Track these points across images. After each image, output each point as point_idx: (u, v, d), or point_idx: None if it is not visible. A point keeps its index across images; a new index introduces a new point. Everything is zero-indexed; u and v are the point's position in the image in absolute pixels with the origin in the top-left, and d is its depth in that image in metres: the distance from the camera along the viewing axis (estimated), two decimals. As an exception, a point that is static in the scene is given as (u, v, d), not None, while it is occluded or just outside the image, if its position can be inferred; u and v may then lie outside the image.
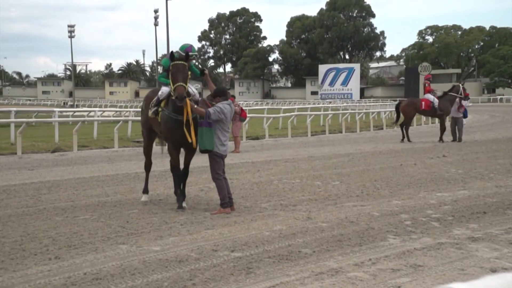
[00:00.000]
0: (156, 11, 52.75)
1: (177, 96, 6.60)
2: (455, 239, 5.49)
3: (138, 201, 7.61)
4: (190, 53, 7.09)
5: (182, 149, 7.31)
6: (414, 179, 9.40)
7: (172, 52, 7.00)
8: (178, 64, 6.82)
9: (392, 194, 8.05)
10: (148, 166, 7.99)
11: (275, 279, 4.35)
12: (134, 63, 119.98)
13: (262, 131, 21.08)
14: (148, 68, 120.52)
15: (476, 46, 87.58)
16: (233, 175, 9.76)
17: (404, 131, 17.48)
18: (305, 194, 8.07)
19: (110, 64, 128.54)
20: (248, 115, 18.34)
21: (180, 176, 7.23)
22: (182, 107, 6.76)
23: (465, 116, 17.55)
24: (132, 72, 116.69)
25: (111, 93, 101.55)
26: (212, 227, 6.07)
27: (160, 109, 7.16)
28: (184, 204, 7.05)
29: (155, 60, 71.10)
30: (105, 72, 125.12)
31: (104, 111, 29.94)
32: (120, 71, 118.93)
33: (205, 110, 6.78)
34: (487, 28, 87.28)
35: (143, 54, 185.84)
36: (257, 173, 10.24)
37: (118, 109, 37.23)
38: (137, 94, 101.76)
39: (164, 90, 7.24)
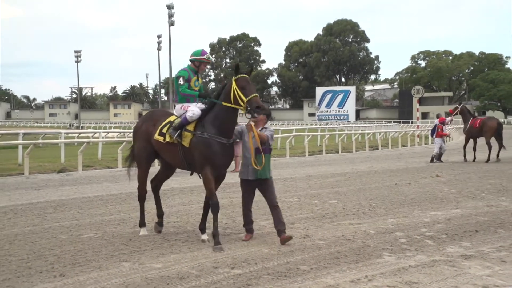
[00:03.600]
0: (159, 37, 53.26)
1: (257, 106, 5.78)
2: (449, 257, 5.47)
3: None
4: (207, 56, 6.49)
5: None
6: (409, 198, 9.39)
7: (237, 64, 6.18)
8: (246, 77, 5.96)
9: (387, 213, 8.03)
10: (143, 196, 6.84)
11: (273, 295, 4.32)
12: (138, 86, 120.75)
13: (261, 151, 21.06)
14: (151, 91, 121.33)
15: (467, 71, 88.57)
16: (233, 193, 9.74)
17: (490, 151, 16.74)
18: (303, 212, 8.05)
19: (115, 87, 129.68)
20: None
21: (216, 204, 5.99)
22: (229, 130, 6.01)
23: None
24: (135, 94, 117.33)
25: (115, 115, 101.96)
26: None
27: (188, 133, 6.06)
28: (205, 237, 6.12)
29: (158, 83, 71.47)
30: (109, 94, 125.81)
31: (108, 132, 30.00)
32: (124, 94, 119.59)
33: (266, 135, 6.08)
34: (477, 54, 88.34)
35: (147, 78, 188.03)
36: (257, 192, 10.19)
37: (122, 130, 37.32)
38: (140, 115, 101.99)
39: (196, 110, 6.12)
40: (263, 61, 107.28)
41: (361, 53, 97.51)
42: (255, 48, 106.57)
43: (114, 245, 6.07)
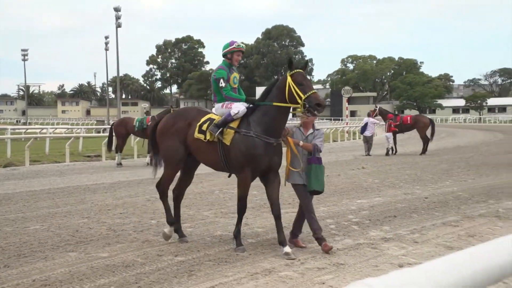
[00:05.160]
0: (106, 37, 51.28)
1: (318, 103, 4.93)
2: (371, 240, 5.68)
3: (87, 211, 7.31)
4: (236, 44, 5.51)
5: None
6: (338, 188, 9.65)
7: (290, 58, 5.29)
8: (302, 72, 5.20)
9: (319, 202, 8.20)
10: (165, 193, 5.83)
11: (214, 280, 4.31)
12: (86, 84, 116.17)
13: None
14: (99, 89, 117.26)
15: (388, 73, 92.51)
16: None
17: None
18: (242, 203, 8.06)
19: (63, 85, 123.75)
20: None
21: (244, 208, 5.49)
22: (278, 129, 5.16)
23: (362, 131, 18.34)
24: (83, 92, 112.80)
25: (63, 111, 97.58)
26: (158, 234, 5.94)
27: (231, 130, 5.21)
28: (288, 249, 5.06)
29: (105, 81, 69.11)
30: (57, 92, 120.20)
31: (56, 128, 28.65)
32: (72, 92, 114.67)
33: (313, 144, 5.33)
34: (396, 58, 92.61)
35: (94, 76, 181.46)
36: (200, 184, 10.14)
37: (69, 126, 35.80)
38: (88, 112, 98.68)
39: (241, 107, 5.26)
40: (207, 62, 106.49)
41: (296, 56, 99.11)
42: (200, 49, 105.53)
43: (60, 236, 5.81)
